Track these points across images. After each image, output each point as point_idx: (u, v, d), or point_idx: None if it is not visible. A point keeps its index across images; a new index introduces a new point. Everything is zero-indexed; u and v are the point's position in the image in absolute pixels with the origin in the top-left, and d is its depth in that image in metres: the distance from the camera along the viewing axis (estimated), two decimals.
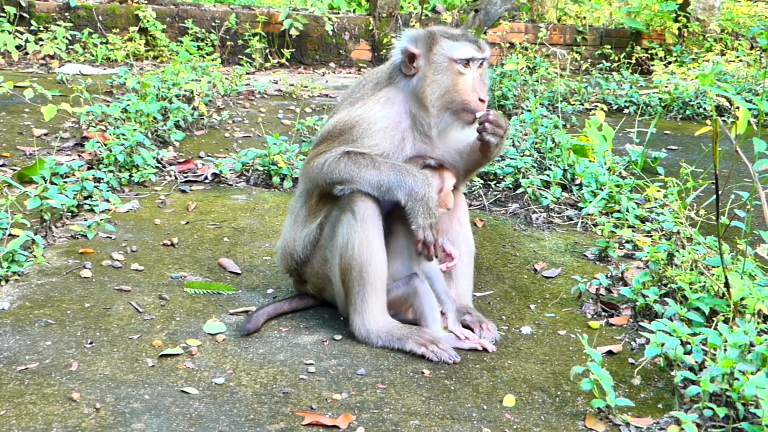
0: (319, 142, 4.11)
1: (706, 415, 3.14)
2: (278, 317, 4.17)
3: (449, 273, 4.23)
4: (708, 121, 3.85)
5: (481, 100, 3.97)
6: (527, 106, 7.60)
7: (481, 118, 3.95)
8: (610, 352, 3.89)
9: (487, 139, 3.94)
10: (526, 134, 7.36)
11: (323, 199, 4.10)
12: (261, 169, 6.73)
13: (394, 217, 4.00)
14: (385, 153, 3.96)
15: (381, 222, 3.93)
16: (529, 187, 6.15)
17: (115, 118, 7.24)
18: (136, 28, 12.23)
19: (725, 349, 3.30)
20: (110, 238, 5.17)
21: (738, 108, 3.81)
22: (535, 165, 6.71)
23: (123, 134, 6.71)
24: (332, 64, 13.56)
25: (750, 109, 3.78)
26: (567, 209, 6.05)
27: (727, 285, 3.95)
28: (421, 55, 3.99)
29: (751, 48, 13.69)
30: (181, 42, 12.16)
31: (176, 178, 6.66)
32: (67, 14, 12.14)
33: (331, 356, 3.76)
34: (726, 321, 3.84)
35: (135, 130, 6.84)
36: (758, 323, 3.84)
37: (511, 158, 6.77)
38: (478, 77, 4.01)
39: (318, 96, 10.70)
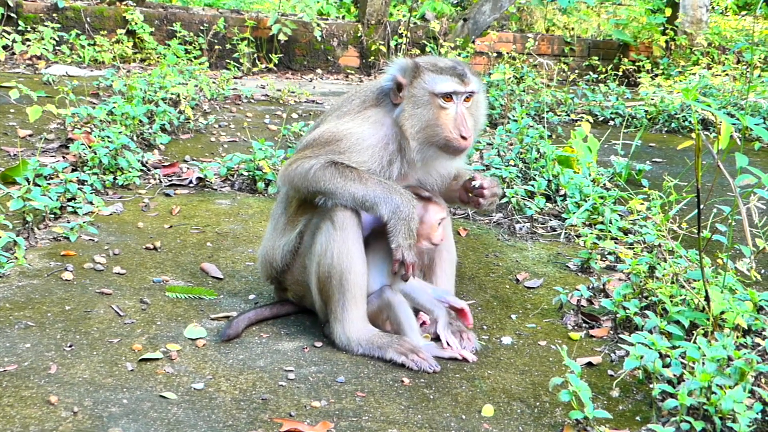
0: (304, 148, 4.08)
1: (684, 429, 3.14)
2: (259, 323, 4.16)
3: (429, 283, 4.24)
4: (692, 135, 3.87)
5: (463, 137, 3.89)
6: (513, 116, 7.62)
7: (476, 190, 4.08)
8: (589, 364, 3.90)
9: (482, 204, 4.07)
10: (511, 144, 7.38)
11: (302, 207, 4.09)
12: (246, 174, 6.73)
13: (372, 231, 4.01)
14: (372, 171, 3.94)
15: (360, 230, 3.93)
16: (513, 197, 6.16)
17: (101, 120, 7.23)
18: (124, 31, 12.21)
19: (703, 363, 3.31)
20: (93, 240, 5.16)
21: (721, 122, 3.82)
22: (520, 175, 6.73)
23: (108, 137, 6.70)
24: (320, 70, 13.57)
25: (734, 124, 3.80)
26: (550, 220, 6.07)
27: (707, 299, 3.97)
28: (406, 85, 3.96)
29: (738, 62, 13.77)
30: (169, 45, 12.16)
31: (161, 181, 6.65)
32: (55, 15, 12.11)
33: (311, 363, 3.76)
34: (705, 335, 3.86)
35: (120, 132, 6.83)
36: (737, 337, 3.86)
37: (496, 168, 6.79)
38: (463, 112, 3.92)
39: (305, 102, 10.70)
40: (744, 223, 3.95)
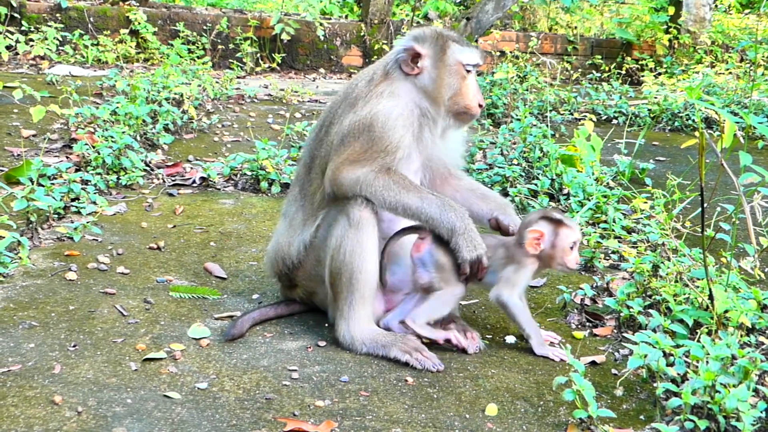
0: (341, 148, 3.98)
1: (687, 428, 3.14)
2: (263, 323, 4.16)
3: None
4: (696, 134, 3.88)
5: (480, 105, 4.11)
6: (517, 115, 7.62)
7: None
8: (593, 363, 3.90)
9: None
10: (514, 143, 7.38)
11: (324, 201, 4.09)
12: (249, 173, 6.73)
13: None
14: (410, 149, 3.98)
15: (376, 230, 3.92)
16: (516, 196, 6.16)
17: (104, 120, 7.24)
18: (127, 30, 12.21)
19: (707, 362, 3.31)
20: (96, 240, 5.16)
21: (725, 121, 3.82)
22: (523, 174, 6.72)
23: (111, 137, 6.70)
24: (323, 70, 13.56)
25: (737, 122, 3.80)
26: None
27: (711, 297, 3.97)
28: (428, 56, 4.06)
29: (741, 60, 13.75)
30: (172, 45, 12.17)
31: (164, 181, 6.65)
32: (58, 15, 12.12)
33: (315, 362, 3.76)
34: (709, 333, 3.86)
35: (124, 132, 6.84)
36: (741, 336, 3.86)
37: (499, 167, 6.79)
38: (476, 82, 4.12)
39: (308, 101, 10.70)
40: (748, 221, 3.95)
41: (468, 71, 4.08)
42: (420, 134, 4.05)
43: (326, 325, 4.13)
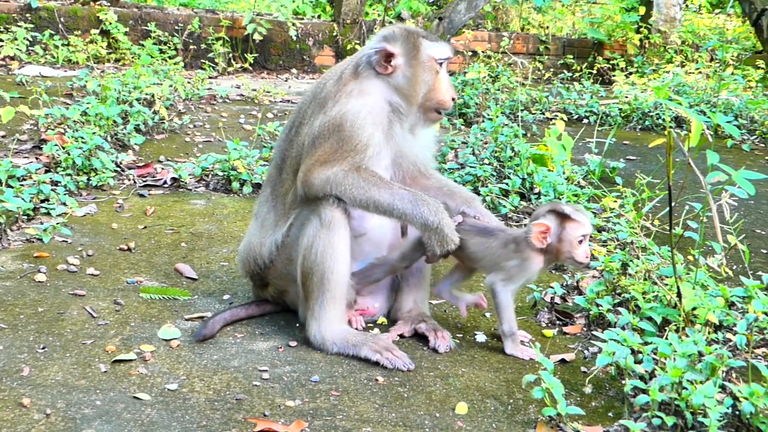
0: (313, 149, 3.98)
1: (655, 424, 3.17)
2: (234, 323, 4.16)
3: (406, 281, 4.26)
4: (665, 133, 3.91)
5: (453, 99, 4.17)
6: (488, 115, 7.64)
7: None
8: (563, 361, 3.92)
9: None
10: (486, 143, 7.40)
11: (295, 202, 4.09)
12: (221, 174, 6.72)
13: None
14: (380, 147, 3.99)
15: (348, 230, 3.93)
16: (488, 195, 6.18)
17: (75, 121, 7.20)
18: (98, 31, 12.14)
19: (674, 359, 3.34)
20: (66, 242, 5.14)
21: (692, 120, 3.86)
22: (495, 173, 6.74)
23: (82, 137, 6.67)
24: (295, 70, 13.54)
25: (706, 122, 3.84)
26: (525, 218, 6.09)
27: (679, 295, 4.00)
28: (401, 54, 4.06)
29: (711, 60, 13.85)
30: (144, 45, 12.10)
31: (135, 182, 6.63)
32: (28, 15, 12.03)
33: (285, 363, 3.76)
34: (677, 331, 3.89)
35: (94, 133, 6.81)
36: (709, 333, 3.90)
37: (470, 166, 6.81)
38: (447, 76, 4.17)
39: (280, 101, 10.68)
40: (714, 219, 3.98)
41: (440, 65, 4.11)
42: (390, 131, 4.06)
43: (297, 325, 4.14)
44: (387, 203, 3.86)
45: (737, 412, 3.20)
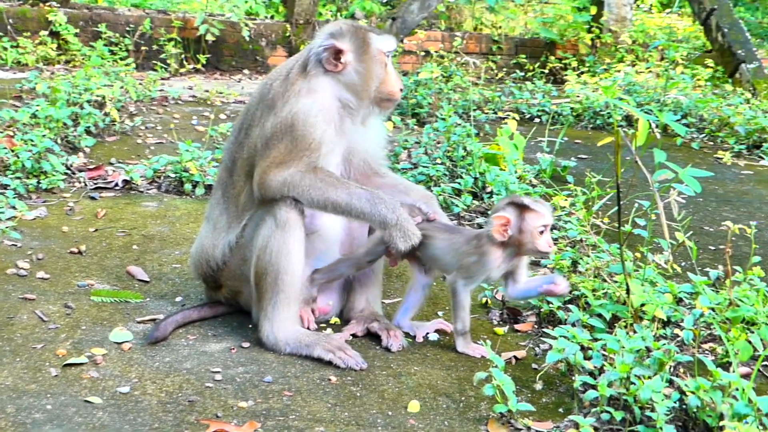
0: (266, 150, 3.97)
1: (604, 419, 3.21)
2: (186, 325, 4.15)
3: (358, 280, 4.28)
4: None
5: (401, 90, 4.20)
6: (441, 114, 7.68)
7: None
8: (514, 358, 3.96)
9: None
10: (439, 142, 7.43)
11: (248, 202, 4.09)
12: (173, 176, 6.69)
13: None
14: (333, 144, 4.01)
15: (302, 231, 3.94)
16: (440, 194, 6.21)
17: (24, 124, 7.12)
18: (48, 32, 12.02)
19: (623, 355, 3.38)
20: (15, 245, 5.09)
21: (649, 119, 3.92)
22: (447, 173, 6.78)
23: (31, 140, 6.60)
24: (248, 71, 13.50)
25: (655, 121, 3.90)
26: (477, 217, 6.13)
27: (628, 292, 4.06)
28: (350, 50, 4.06)
29: (661, 59, 14.02)
30: (94, 46, 11.99)
31: (86, 184, 6.57)
32: None
33: (238, 364, 3.76)
34: (626, 327, 3.94)
35: (44, 135, 6.74)
36: (657, 329, 3.96)
37: (423, 166, 6.84)
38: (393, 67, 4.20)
39: (233, 102, 10.65)
40: (661, 217, 4.04)
41: (387, 58, 4.14)
42: (341, 126, 4.07)
43: (250, 326, 4.13)
44: (345, 203, 3.87)
45: (684, 406, 3.25)
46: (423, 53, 13.76)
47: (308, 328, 4.08)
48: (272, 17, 16.24)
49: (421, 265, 4.18)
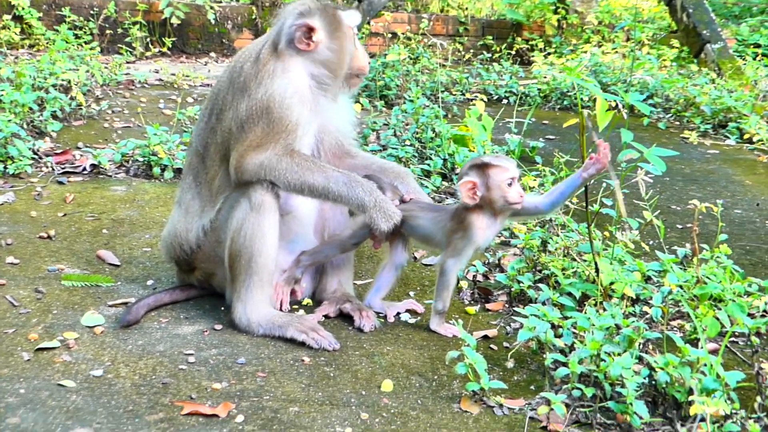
0: (242, 134, 3.95)
1: (575, 395, 3.26)
2: (158, 308, 4.14)
3: (330, 262, 4.29)
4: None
5: (368, 63, 4.28)
6: (409, 96, 7.69)
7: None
8: (485, 337, 3.99)
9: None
10: (407, 124, 7.45)
11: (222, 186, 4.08)
12: (141, 159, 6.66)
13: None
14: (309, 125, 4.02)
15: (277, 214, 3.94)
16: None
17: None
18: (11, 16, 11.88)
19: (593, 332, 3.43)
20: None
21: (614, 100, 3.96)
22: (416, 155, 6.80)
23: None
24: (214, 54, 13.41)
25: (620, 101, 3.94)
26: (447, 198, 6.16)
27: (597, 270, 4.10)
28: (321, 28, 4.05)
29: (627, 40, 14.09)
30: (58, 30, 11.86)
31: (53, 169, 6.53)
32: None
33: (211, 346, 3.77)
34: (596, 305, 3.99)
35: (9, 120, 6.68)
36: (626, 307, 4.00)
37: (392, 148, 6.85)
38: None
39: (200, 85, 10.59)
40: (617, 193, 4.08)
41: (354, 33, 4.19)
42: (316, 107, 4.08)
43: (222, 308, 4.14)
44: (322, 187, 3.88)
45: (654, 382, 3.30)
46: (390, 35, 13.76)
47: (281, 308, 4.10)
48: (237, 0, 16.14)
49: (404, 244, 4.19)
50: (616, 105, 4.15)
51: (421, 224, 4.04)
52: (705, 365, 3.16)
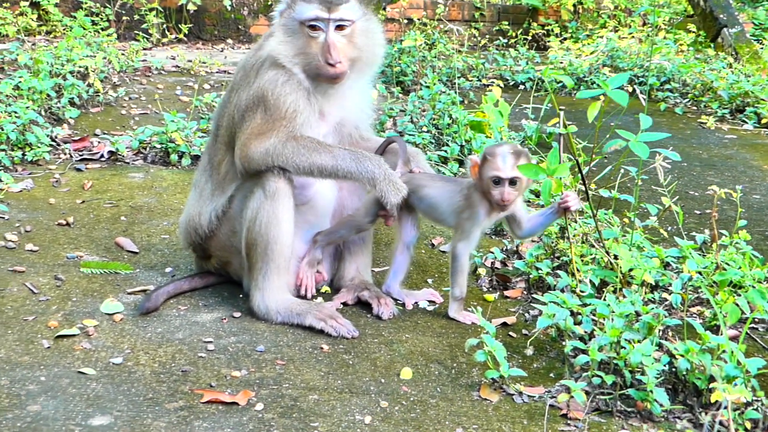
0: (244, 122, 3.99)
1: (595, 383, 3.25)
2: (177, 296, 4.16)
3: (348, 249, 4.29)
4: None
5: (330, 64, 3.97)
6: (425, 82, 7.67)
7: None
8: (504, 324, 3.99)
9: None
10: (424, 110, 7.43)
11: (230, 172, 4.09)
12: (159, 146, 6.66)
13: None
14: (308, 112, 3.99)
15: (292, 200, 3.94)
16: (427, 162, 6.21)
17: (7, 96, 7.07)
18: (28, 3, 11.90)
19: (612, 319, 3.42)
20: (3, 218, 5.08)
21: (631, 84, 3.93)
22: (433, 141, 6.79)
23: (15, 112, 6.56)
24: (231, 40, 13.41)
25: (641, 84, 3.91)
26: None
27: (615, 257, 4.09)
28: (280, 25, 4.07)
29: (644, 24, 14.00)
30: (75, 17, 11.88)
31: (71, 156, 6.55)
32: None
33: (230, 333, 3.77)
34: (615, 292, 3.97)
35: (28, 107, 6.70)
36: (645, 293, 3.99)
37: (409, 134, 6.84)
38: (333, 40, 3.99)
39: (216, 72, 10.59)
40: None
41: (314, 29, 4.00)
42: (310, 97, 4.04)
43: (241, 296, 4.15)
44: (331, 165, 3.88)
45: (674, 369, 3.29)
46: (406, 21, 13.70)
47: (305, 296, 4.10)
48: None
49: (413, 221, 4.19)
50: (633, 90, 4.12)
51: (429, 194, 4.05)
52: (725, 352, 3.15)
